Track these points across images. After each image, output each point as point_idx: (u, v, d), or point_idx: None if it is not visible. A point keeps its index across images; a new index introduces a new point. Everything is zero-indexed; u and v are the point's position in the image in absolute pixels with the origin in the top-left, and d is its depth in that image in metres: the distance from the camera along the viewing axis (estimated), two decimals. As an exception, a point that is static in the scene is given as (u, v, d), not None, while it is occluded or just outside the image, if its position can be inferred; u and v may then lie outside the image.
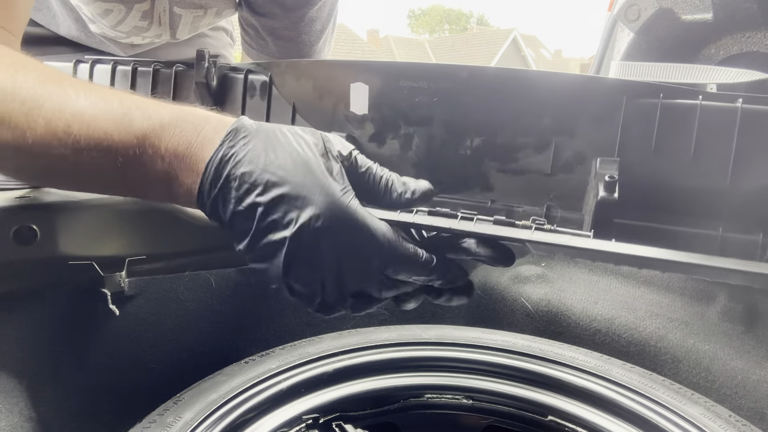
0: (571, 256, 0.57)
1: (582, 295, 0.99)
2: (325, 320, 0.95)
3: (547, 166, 0.56)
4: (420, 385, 0.74)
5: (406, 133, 0.60)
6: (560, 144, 0.55)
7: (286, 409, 0.66)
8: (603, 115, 0.53)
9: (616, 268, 1.01)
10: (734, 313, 0.86)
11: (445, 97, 0.58)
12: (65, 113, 0.50)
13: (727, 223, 0.51)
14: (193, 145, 0.50)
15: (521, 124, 0.56)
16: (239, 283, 0.87)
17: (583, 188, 0.55)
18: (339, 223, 0.49)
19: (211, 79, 0.68)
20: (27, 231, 0.68)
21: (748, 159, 0.49)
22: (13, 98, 0.50)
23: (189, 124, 0.51)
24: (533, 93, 0.56)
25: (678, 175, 0.51)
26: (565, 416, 0.69)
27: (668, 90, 0.51)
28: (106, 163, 0.51)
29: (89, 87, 0.53)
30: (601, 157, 0.53)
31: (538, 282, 1.05)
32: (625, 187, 0.50)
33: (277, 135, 0.51)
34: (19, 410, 0.69)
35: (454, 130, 0.58)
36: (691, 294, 0.92)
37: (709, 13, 0.90)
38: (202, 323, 0.85)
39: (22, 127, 0.50)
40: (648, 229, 0.52)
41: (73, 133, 0.50)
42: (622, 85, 0.54)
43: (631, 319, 0.91)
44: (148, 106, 0.52)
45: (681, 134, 0.51)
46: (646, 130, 0.52)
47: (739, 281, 0.49)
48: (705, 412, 0.64)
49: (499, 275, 1.08)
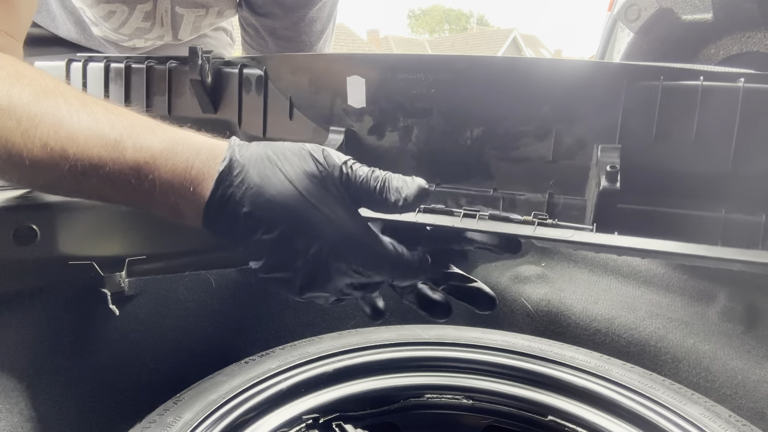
0: (574, 249, 0.57)
1: (582, 295, 0.99)
2: (325, 320, 0.95)
3: (548, 154, 0.55)
4: (420, 385, 0.74)
5: (405, 125, 0.60)
6: (561, 131, 0.55)
7: (286, 409, 0.66)
8: (604, 101, 0.53)
9: (617, 268, 1.01)
10: (734, 313, 0.86)
11: (444, 88, 0.58)
12: (60, 135, 0.50)
13: (730, 205, 0.50)
14: (188, 180, 0.50)
15: (521, 113, 0.56)
16: (239, 283, 0.87)
17: (584, 174, 0.54)
18: (347, 246, 0.52)
19: (205, 76, 0.67)
20: (27, 231, 0.68)
21: (750, 140, 0.49)
22: (9, 116, 0.49)
23: (180, 157, 0.50)
24: (532, 81, 0.56)
25: (680, 158, 0.51)
26: (565, 416, 0.69)
27: (669, 71, 0.51)
28: (106, 187, 0.51)
29: (81, 104, 0.52)
30: (603, 144, 0.52)
31: (538, 282, 1.05)
32: (627, 171, 0.50)
33: (268, 165, 0.51)
34: (19, 410, 0.69)
35: (454, 120, 0.58)
36: (691, 294, 0.92)
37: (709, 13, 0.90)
38: (202, 323, 0.85)
39: (19, 146, 0.49)
40: (651, 213, 0.52)
41: (69, 157, 0.49)
42: (622, 68, 0.54)
43: (631, 319, 0.91)
44: (139, 134, 0.51)
45: (683, 117, 0.51)
46: (647, 114, 0.51)
47: (741, 269, 0.49)
48: (705, 412, 0.64)
49: (499, 275, 1.08)
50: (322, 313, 0.95)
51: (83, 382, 0.76)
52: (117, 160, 0.50)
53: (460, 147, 0.58)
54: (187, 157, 0.50)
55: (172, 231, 0.79)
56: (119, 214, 0.75)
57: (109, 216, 0.75)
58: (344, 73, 0.61)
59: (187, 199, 0.50)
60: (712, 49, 0.95)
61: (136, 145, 0.50)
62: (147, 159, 0.50)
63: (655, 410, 0.65)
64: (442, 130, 0.59)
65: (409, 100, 0.59)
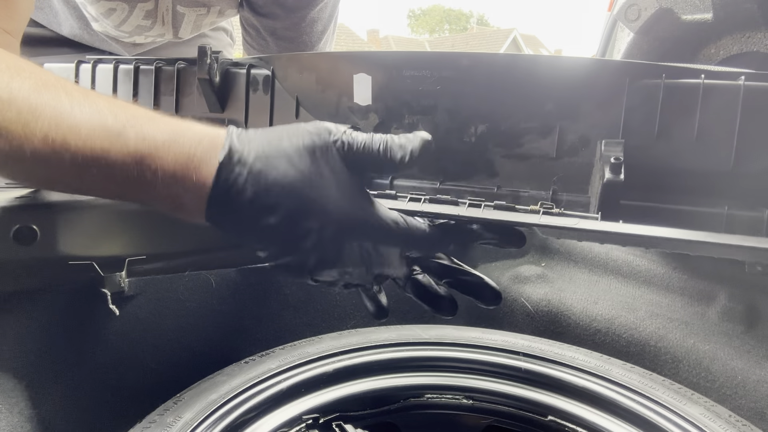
0: (579, 239, 0.58)
1: (582, 295, 0.99)
2: (325, 320, 0.95)
3: (552, 151, 0.56)
4: (420, 385, 0.74)
5: (411, 122, 0.60)
6: (564, 128, 0.55)
7: (286, 409, 0.66)
8: (606, 98, 0.53)
9: (617, 268, 1.01)
10: (734, 313, 0.86)
11: (448, 86, 0.58)
12: (62, 127, 0.49)
13: (733, 201, 0.51)
14: (190, 169, 0.50)
15: (525, 110, 0.56)
16: (239, 283, 0.87)
17: (588, 171, 0.55)
18: (354, 223, 0.52)
19: (213, 75, 0.68)
20: (27, 231, 0.68)
21: (752, 137, 0.49)
22: (9, 108, 0.49)
23: (182, 147, 0.50)
24: (536, 78, 0.56)
25: (682, 156, 0.51)
26: (565, 416, 0.69)
27: (671, 70, 0.51)
28: (107, 180, 0.51)
29: (83, 96, 0.52)
30: (606, 139, 0.53)
31: (538, 282, 1.05)
32: (630, 168, 0.50)
33: (268, 147, 0.51)
34: (19, 410, 0.69)
35: (458, 117, 0.59)
36: (691, 294, 0.92)
37: (709, 13, 0.90)
38: (202, 323, 0.85)
39: (19, 138, 0.49)
40: (655, 209, 0.53)
41: (71, 148, 0.49)
42: (624, 66, 0.54)
43: (631, 319, 0.91)
44: (142, 124, 0.51)
45: (684, 115, 0.51)
46: (649, 112, 0.52)
47: (745, 257, 0.50)
48: (705, 412, 0.64)
49: (499, 275, 1.08)
50: (322, 313, 0.95)
51: (83, 382, 0.76)
52: (119, 151, 0.49)
53: (465, 144, 0.59)
54: (189, 146, 0.50)
55: (172, 231, 0.79)
56: (119, 214, 0.75)
57: (109, 216, 0.75)
58: (350, 71, 0.61)
59: (190, 189, 0.50)
60: (712, 49, 0.95)
61: (138, 135, 0.50)
62: (150, 149, 0.50)
63: (655, 410, 0.65)
64: (446, 127, 0.59)
65: (415, 97, 0.59)
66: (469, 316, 1.05)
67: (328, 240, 0.51)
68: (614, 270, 1.02)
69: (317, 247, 0.51)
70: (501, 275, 1.08)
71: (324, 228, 0.50)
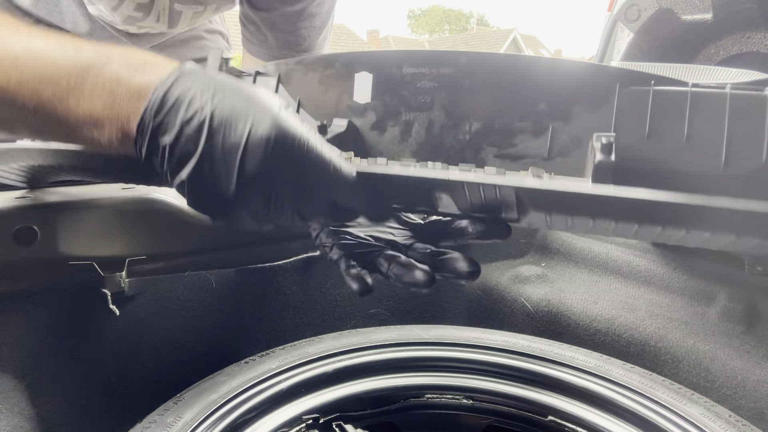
0: (570, 213, 0.58)
1: (582, 295, 0.99)
2: (325, 320, 0.95)
3: (544, 151, 0.56)
4: (420, 385, 0.74)
5: (407, 119, 0.61)
6: (557, 128, 0.55)
7: (286, 409, 0.66)
8: (598, 101, 0.54)
9: (617, 268, 1.01)
10: (734, 313, 0.86)
11: (445, 83, 0.58)
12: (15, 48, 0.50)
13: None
14: (138, 70, 0.50)
15: (518, 110, 0.57)
16: (239, 283, 0.87)
17: (580, 172, 0.55)
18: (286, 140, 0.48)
19: None
20: (27, 231, 0.68)
21: (740, 143, 0.50)
22: None
23: (137, 54, 0.51)
24: (530, 79, 0.56)
25: (672, 160, 0.52)
26: (565, 416, 0.69)
27: (659, 78, 0.52)
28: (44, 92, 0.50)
29: (45, 29, 0.53)
30: (597, 132, 0.53)
31: (538, 282, 1.05)
32: (620, 171, 0.50)
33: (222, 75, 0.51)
34: (20, 410, 0.69)
35: (453, 115, 0.59)
36: (691, 294, 0.92)
37: (709, 14, 0.90)
38: (202, 323, 0.85)
39: None
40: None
41: (20, 65, 0.49)
42: (615, 72, 0.55)
43: (631, 319, 0.91)
44: (99, 44, 0.52)
45: (673, 121, 0.51)
46: (639, 117, 0.52)
47: (742, 220, 0.50)
48: (705, 412, 0.64)
49: (499, 275, 1.08)
50: (322, 313, 0.95)
51: (83, 382, 0.76)
52: (71, 59, 0.50)
53: (459, 143, 0.59)
54: (145, 56, 0.51)
55: (172, 231, 0.79)
56: (119, 214, 0.75)
57: (109, 216, 0.75)
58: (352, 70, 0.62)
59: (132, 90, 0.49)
60: (712, 49, 0.95)
61: (95, 48, 0.51)
62: (102, 57, 0.50)
63: (655, 410, 0.65)
64: (441, 124, 0.59)
65: (412, 94, 0.60)
66: (470, 316, 1.05)
67: (257, 146, 0.48)
68: (614, 270, 1.02)
69: (246, 151, 0.47)
70: (501, 275, 1.08)
71: (254, 133, 0.48)
